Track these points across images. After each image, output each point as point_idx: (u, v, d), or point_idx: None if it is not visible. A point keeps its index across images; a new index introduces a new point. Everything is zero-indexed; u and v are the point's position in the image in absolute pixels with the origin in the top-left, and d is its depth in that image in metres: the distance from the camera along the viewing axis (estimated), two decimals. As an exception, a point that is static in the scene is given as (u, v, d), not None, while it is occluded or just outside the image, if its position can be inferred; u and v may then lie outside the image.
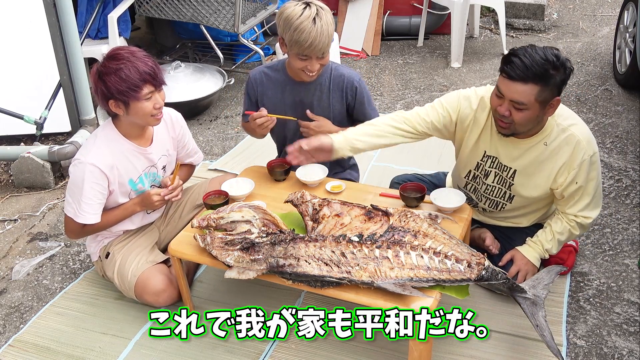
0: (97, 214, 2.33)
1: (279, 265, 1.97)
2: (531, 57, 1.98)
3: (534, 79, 1.97)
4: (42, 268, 2.84)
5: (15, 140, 3.83)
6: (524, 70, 1.97)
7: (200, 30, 4.59)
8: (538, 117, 2.08)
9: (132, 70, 2.15)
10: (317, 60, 2.35)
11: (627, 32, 4.15)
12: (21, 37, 3.58)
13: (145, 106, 2.22)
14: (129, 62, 2.16)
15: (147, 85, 2.19)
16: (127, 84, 2.15)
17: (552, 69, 1.98)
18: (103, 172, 2.27)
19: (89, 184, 2.26)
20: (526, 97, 2.00)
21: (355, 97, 2.54)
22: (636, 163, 3.35)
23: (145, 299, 2.40)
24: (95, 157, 2.27)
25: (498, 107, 2.09)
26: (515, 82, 1.99)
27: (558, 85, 2.02)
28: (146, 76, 2.18)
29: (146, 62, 2.19)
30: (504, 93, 2.04)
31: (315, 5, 2.30)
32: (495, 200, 2.41)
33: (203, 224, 2.17)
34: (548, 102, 2.04)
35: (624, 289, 2.49)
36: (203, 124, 4.19)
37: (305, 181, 2.44)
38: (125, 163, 2.34)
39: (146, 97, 2.20)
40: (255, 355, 2.26)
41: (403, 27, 5.38)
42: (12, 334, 2.46)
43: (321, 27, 2.26)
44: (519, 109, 2.04)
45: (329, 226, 2.13)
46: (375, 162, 3.51)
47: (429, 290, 1.90)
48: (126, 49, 2.23)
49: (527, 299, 2.03)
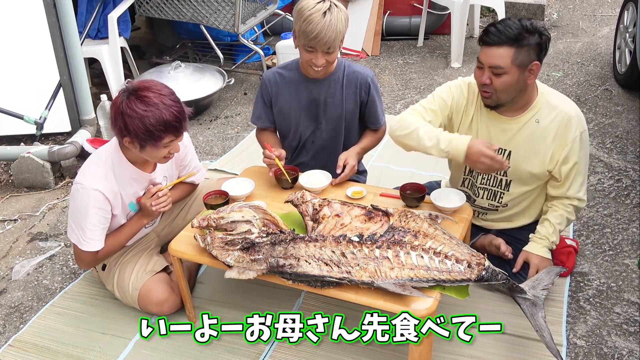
0: (101, 239, 2.27)
1: (279, 265, 1.97)
2: (505, 23, 2.10)
3: (508, 42, 2.07)
4: (42, 268, 2.84)
5: (15, 140, 3.83)
6: (497, 34, 2.08)
7: (200, 30, 4.59)
8: (518, 82, 2.14)
9: (158, 120, 2.05)
10: (323, 55, 2.36)
11: (627, 32, 4.15)
12: (21, 37, 3.58)
13: (161, 152, 2.16)
14: (157, 110, 2.05)
15: (169, 135, 2.11)
16: (150, 133, 2.06)
17: (525, 32, 2.08)
18: (107, 198, 2.20)
19: (93, 210, 2.18)
20: (502, 60, 2.09)
21: (369, 94, 2.55)
22: (636, 163, 3.35)
23: (148, 309, 2.40)
24: (99, 183, 2.18)
25: (480, 78, 2.17)
26: (491, 47, 2.10)
27: (535, 49, 2.10)
28: (170, 127, 2.08)
29: (173, 110, 2.08)
30: (483, 61, 2.14)
31: (331, 2, 2.32)
32: (492, 190, 2.42)
33: (203, 224, 2.16)
34: (526, 66, 2.11)
35: (624, 289, 2.49)
36: (203, 124, 4.19)
37: (308, 188, 2.41)
38: (129, 188, 2.29)
39: (165, 145, 2.14)
40: (255, 355, 2.26)
41: (403, 27, 5.38)
42: (12, 334, 2.46)
43: (330, 21, 2.28)
44: (497, 74, 2.12)
45: (329, 226, 2.13)
46: (374, 162, 3.51)
47: (429, 291, 1.90)
48: (156, 90, 2.09)
49: (526, 299, 2.03)
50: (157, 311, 2.40)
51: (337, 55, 2.43)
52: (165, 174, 2.43)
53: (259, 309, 2.47)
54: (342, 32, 2.35)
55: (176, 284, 2.39)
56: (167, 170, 2.43)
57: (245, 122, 4.15)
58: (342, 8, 2.35)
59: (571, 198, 2.32)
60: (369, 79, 2.54)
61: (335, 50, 2.38)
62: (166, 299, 2.38)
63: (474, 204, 2.51)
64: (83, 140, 3.49)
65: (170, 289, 2.40)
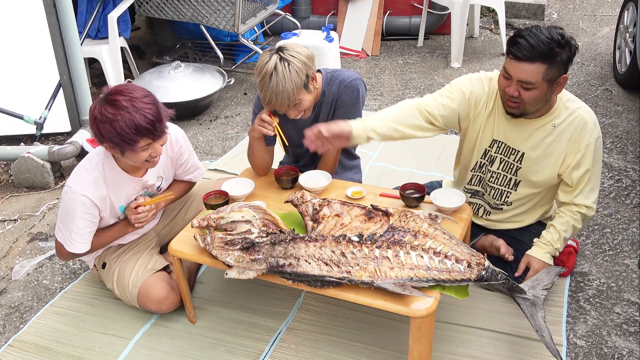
0: (87, 243, 2.28)
1: (279, 265, 1.97)
2: (536, 37, 2.02)
3: (541, 58, 2.01)
4: (42, 268, 2.84)
5: (15, 140, 3.83)
6: (530, 50, 2.01)
7: (200, 30, 4.59)
8: (546, 95, 2.12)
9: (129, 124, 2.00)
10: (291, 109, 2.30)
11: (627, 32, 4.15)
12: (21, 37, 3.58)
13: (141, 156, 2.11)
14: (127, 112, 2.00)
15: (143, 138, 2.05)
16: (122, 137, 2.02)
17: (557, 47, 2.02)
18: (94, 203, 2.20)
19: (80, 214, 2.20)
20: (534, 77, 2.04)
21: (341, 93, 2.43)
22: (636, 163, 3.35)
23: (148, 307, 2.40)
24: (88, 189, 2.18)
25: (507, 88, 2.13)
26: (522, 62, 2.03)
27: (564, 63, 2.06)
28: (143, 130, 2.02)
29: (146, 113, 2.02)
30: (512, 74, 2.08)
31: (278, 57, 2.20)
32: (500, 189, 2.41)
33: (203, 224, 2.16)
34: (555, 80, 2.08)
35: (624, 289, 2.49)
36: (203, 124, 4.19)
37: (308, 188, 2.40)
38: (118, 192, 2.28)
39: (142, 148, 2.09)
40: (255, 355, 2.26)
41: (403, 27, 5.38)
42: (12, 334, 2.46)
43: (276, 83, 2.17)
44: (527, 88, 2.07)
45: (329, 226, 2.13)
46: (373, 162, 3.51)
47: (429, 290, 1.90)
48: (127, 92, 2.04)
49: (526, 299, 2.03)
50: (156, 309, 2.40)
51: (308, 101, 2.32)
52: (161, 174, 2.42)
53: (259, 309, 2.47)
54: (298, 84, 2.21)
55: (176, 282, 2.39)
56: (163, 171, 2.42)
57: (245, 122, 4.15)
58: (292, 57, 2.20)
59: (579, 205, 2.29)
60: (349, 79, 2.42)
61: (300, 101, 2.28)
62: (165, 297, 2.38)
63: (482, 197, 2.50)
64: (83, 140, 3.49)
65: (170, 287, 2.40)
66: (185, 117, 4.22)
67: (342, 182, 2.52)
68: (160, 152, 2.17)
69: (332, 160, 2.56)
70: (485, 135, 2.34)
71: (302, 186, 2.42)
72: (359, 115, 2.47)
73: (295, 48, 2.25)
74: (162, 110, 2.11)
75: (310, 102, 2.35)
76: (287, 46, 2.26)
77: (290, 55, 2.21)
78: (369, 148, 3.62)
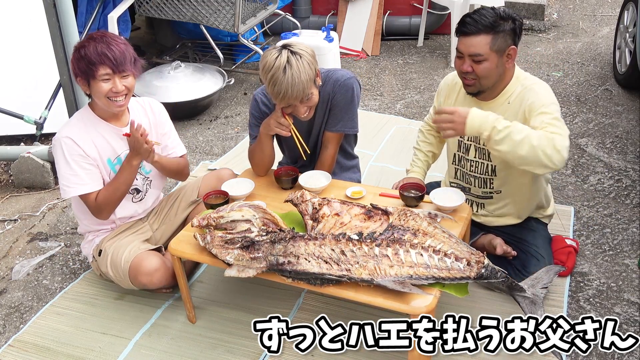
0: (87, 184, 2.33)
1: (279, 264, 1.97)
2: (480, 13, 2.19)
3: (485, 29, 2.16)
4: (42, 268, 2.84)
5: (15, 140, 3.83)
6: (474, 24, 2.17)
7: (200, 30, 4.60)
8: (498, 67, 2.21)
9: (92, 50, 2.19)
10: (301, 105, 2.29)
11: (627, 32, 4.15)
12: (21, 37, 3.58)
13: (101, 86, 2.24)
14: (94, 42, 2.20)
15: (103, 65, 2.20)
16: (85, 61, 2.20)
17: (499, 19, 2.17)
18: (77, 144, 2.30)
19: (70, 157, 2.30)
20: (482, 48, 2.17)
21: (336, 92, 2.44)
22: (636, 163, 3.35)
23: (139, 280, 2.38)
24: (68, 131, 2.32)
25: (461, 67, 2.25)
26: (469, 36, 2.19)
27: (510, 34, 2.19)
28: (104, 57, 2.19)
29: (112, 45, 2.21)
30: (462, 50, 2.22)
31: (288, 51, 2.20)
32: (482, 178, 2.44)
33: (203, 223, 2.17)
34: (504, 50, 2.20)
35: (624, 289, 2.49)
36: (203, 124, 4.19)
37: (308, 188, 2.40)
38: (102, 142, 2.37)
39: (102, 78, 2.22)
40: (255, 356, 2.26)
41: (403, 27, 5.38)
42: (12, 334, 2.46)
43: (292, 76, 2.18)
44: (478, 61, 2.19)
45: (328, 225, 2.13)
46: (373, 162, 3.51)
47: (429, 288, 1.90)
48: (107, 33, 2.27)
49: (526, 297, 2.03)
50: (147, 281, 2.38)
51: (317, 96, 2.34)
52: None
53: (259, 309, 2.47)
54: (311, 77, 2.23)
55: (169, 260, 2.40)
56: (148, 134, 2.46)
57: (245, 122, 4.15)
58: (301, 52, 2.22)
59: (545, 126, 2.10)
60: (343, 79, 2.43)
61: (312, 95, 2.29)
62: (156, 268, 2.37)
63: (469, 193, 2.51)
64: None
65: (162, 261, 2.41)
66: (185, 117, 4.22)
67: (341, 182, 2.52)
68: (121, 90, 2.27)
69: (330, 161, 2.56)
70: None
71: (302, 186, 2.42)
72: (355, 114, 2.51)
73: (300, 45, 2.27)
74: (130, 52, 2.28)
75: (317, 98, 2.36)
76: (291, 43, 2.27)
77: (299, 49, 2.24)
78: (369, 148, 3.63)
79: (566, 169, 3.34)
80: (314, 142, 2.59)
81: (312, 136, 2.57)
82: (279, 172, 2.51)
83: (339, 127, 2.50)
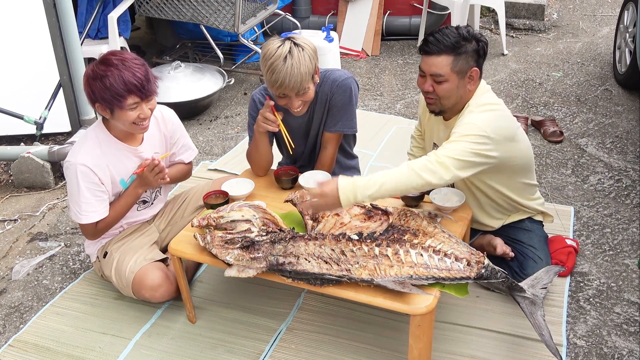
0: (98, 211, 2.32)
1: (279, 264, 1.97)
2: (443, 32, 2.16)
3: (446, 50, 2.14)
4: (42, 268, 2.84)
5: (15, 140, 3.83)
6: (436, 44, 2.15)
7: (200, 30, 4.59)
8: (459, 88, 2.20)
9: (118, 79, 2.10)
10: (296, 97, 2.28)
11: (627, 32, 4.15)
12: (21, 37, 3.58)
13: (129, 115, 2.18)
14: (117, 69, 2.11)
15: (131, 95, 2.14)
16: (111, 92, 2.11)
17: (462, 40, 2.15)
18: (94, 172, 2.26)
19: (83, 185, 2.26)
20: (442, 69, 2.15)
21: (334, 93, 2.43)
22: (636, 163, 3.35)
23: (142, 294, 2.40)
24: (85, 157, 2.25)
25: (423, 86, 2.23)
26: (431, 56, 2.16)
27: (472, 55, 2.17)
28: (131, 87, 2.12)
29: (135, 71, 2.13)
30: (424, 69, 2.20)
31: (291, 42, 2.21)
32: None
33: (203, 223, 2.17)
34: (465, 72, 2.17)
35: (624, 289, 2.49)
36: (203, 124, 4.19)
37: (308, 188, 2.40)
38: (116, 163, 2.33)
39: (130, 107, 2.16)
40: (255, 355, 2.26)
41: (403, 27, 5.38)
42: (12, 334, 2.46)
43: (292, 66, 2.17)
44: (439, 82, 2.18)
45: (328, 225, 2.13)
46: (373, 162, 3.51)
47: (429, 288, 1.90)
48: (119, 54, 2.17)
49: (525, 298, 2.03)
50: (150, 296, 2.39)
51: (313, 92, 2.33)
52: (157, 151, 2.46)
53: (259, 309, 2.47)
54: (310, 71, 2.23)
55: (172, 273, 2.39)
56: (159, 147, 2.47)
57: (245, 122, 4.15)
58: (304, 45, 2.22)
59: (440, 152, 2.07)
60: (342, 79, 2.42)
61: (308, 89, 2.29)
62: (160, 284, 2.37)
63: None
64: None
65: (166, 275, 2.40)
66: (185, 117, 4.21)
67: None
68: (148, 115, 2.22)
69: (330, 161, 2.56)
70: (427, 137, 2.52)
71: (302, 186, 2.42)
72: (353, 114, 2.51)
73: (303, 39, 2.27)
74: (150, 73, 2.20)
75: (313, 94, 2.35)
76: (295, 36, 2.27)
77: (302, 42, 2.24)
78: (369, 148, 3.63)
79: (566, 169, 3.34)
80: (312, 143, 2.59)
81: (311, 137, 2.57)
82: (279, 172, 2.51)
83: (338, 127, 2.50)
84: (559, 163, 3.41)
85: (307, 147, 2.60)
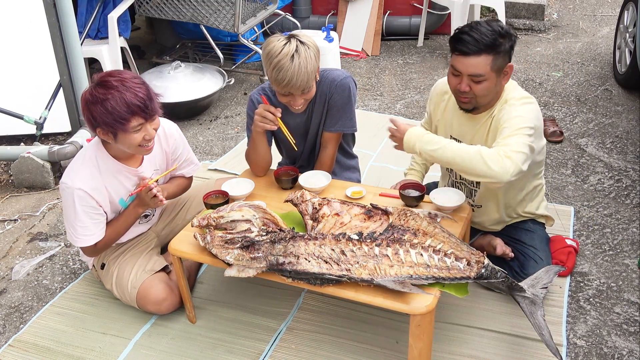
0: (95, 234, 2.27)
1: (279, 263, 1.97)
2: (479, 30, 2.10)
3: (486, 49, 2.10)
4: (42, 268, 2.84)
5: (15, 140, 3.83)
6: (475, 44, 2.09)
7: (200, 30, 4.59)
8: (496, 85, 2.18)
9: (119, 102, 2.01)
10: (300, 96, 2.28)
11: (627, 32, 4.15)
12: (21, 37, 3.58)
13: (133, 138, 2.10)
14: (117, 91, 2.02)
15: (135, 117, 2.05)
16: (114, 116, 2.02)
17: (499, 37, 2.11)
18: (91, 196, 2.20)
19: (80, 208, 2.20)
20: (483, 69, 2.11)
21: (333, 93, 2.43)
22: (636, 163, 3.35)
23: (147, 308, 2.40)
24: (82, 182, 2.18)
25: (458, 85, 2.18)
26: (470, 56, 2.11)
27: (508, 52, 2.15)
28: (134, 108, 2.03)
29: (137, 91, 2.04)
30: (461, 70, 2.15)
31: (297, 41, 2.20)
32: (468, 188, 2.45)
33: (203, 223, 2.17)
34: (502, 69, 2.15)
35: (624, 289, 2.49)
36: (203, 124, 4.19)
37: (308, 188, 2.40)
38: (115, 184, 2.27)
39: (135, 129, 2.08)
40: (255, 355, 2.26)
41: (403, 27, 5.38)
42: (12, 334, 2.46)
43: (299, 64, 2.16)
44: (477, 81, 2.14)
45: (328, 225, 2.13)
46: (373, 162, 3.51)
47: (429, 288, 1.90)
48: (117, 74, 2.08)
49: (526, 297, 2.03)
50: (155, 310, 2.40)
51: (314, 90, 2.34)
52: (157, 167, 2.42)
53: (259, 309, 2.47)
54: (315, 69, 2.23)
55: (175, 283, 2.39)
56: (160, 164, 2.42)
57: (245, 122, 4.15)
58: (309, 43, 2.22)
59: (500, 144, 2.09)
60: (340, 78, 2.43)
61: (312, 88, 2.30)
62: (164, 298, 2.38)
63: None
64: (83, 140, 3.49)
65: (169, 288, 2.40)
66: (185, 117, 4.22)
67: (341, 182, 2.52)
68: (153, 135, 2.16)
69: (330, 161, 2.56)
70: (441, 132, 2.44)
71: (302, 186, 2.42)
72: (352, 114, 2.51)
73: (306, 36, 2.27)
74: (151, 91, 2.12)
75: (314, 91, 2.36)
76: (299, 34, 2.27)
77: (307, 40, 2.24)
78: (369, 148, 3.63)
79: (566, 169, 3.34)
80: (312, 143, 2.59)
81: (310, 136, 2.57)
82: (278, 172, 2.51)
83: (337, 127, 2.50)
84: (559, 163, 3.41)
85: (307, 147, 2.60)
